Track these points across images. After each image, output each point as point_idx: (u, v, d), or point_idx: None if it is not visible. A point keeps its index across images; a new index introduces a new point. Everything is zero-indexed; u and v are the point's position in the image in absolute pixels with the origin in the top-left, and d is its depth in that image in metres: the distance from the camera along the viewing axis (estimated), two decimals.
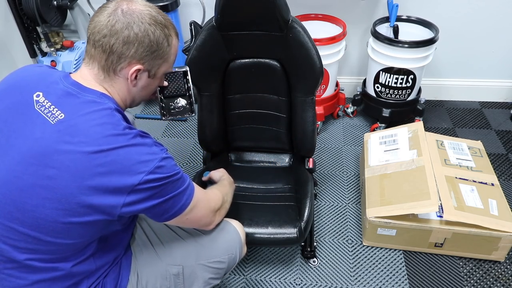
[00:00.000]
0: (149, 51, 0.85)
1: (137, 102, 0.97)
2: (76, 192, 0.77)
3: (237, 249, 1.09)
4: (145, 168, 0.79)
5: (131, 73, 0.86)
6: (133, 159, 0.79)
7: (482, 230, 1.39)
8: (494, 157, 1.95)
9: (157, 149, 0.83)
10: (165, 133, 2.23)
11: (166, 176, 0.82)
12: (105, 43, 0.82)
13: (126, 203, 0.79)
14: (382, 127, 2.05)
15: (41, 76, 0.86)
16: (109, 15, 0.82)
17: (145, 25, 0.83)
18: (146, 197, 0.81)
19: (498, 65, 2.19)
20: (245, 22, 1.27)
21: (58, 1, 2.13)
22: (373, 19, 2.00)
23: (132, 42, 0.82)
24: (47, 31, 2.18)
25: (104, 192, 0.77)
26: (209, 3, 2.18)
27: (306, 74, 1.33)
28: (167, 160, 0.84)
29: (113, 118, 0.81)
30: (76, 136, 0.77)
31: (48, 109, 0.80)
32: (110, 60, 0.83)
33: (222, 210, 1.07)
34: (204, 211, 0.97)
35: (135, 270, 1.01)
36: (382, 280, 1.46)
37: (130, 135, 0.80)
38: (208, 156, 1.60)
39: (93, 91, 0.84)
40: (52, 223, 0.79)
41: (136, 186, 0.78)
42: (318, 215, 1.71)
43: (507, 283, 1.43)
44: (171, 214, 0.88)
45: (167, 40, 0.87)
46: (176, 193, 0.86)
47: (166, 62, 0.91)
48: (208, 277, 1.04)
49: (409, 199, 1.44)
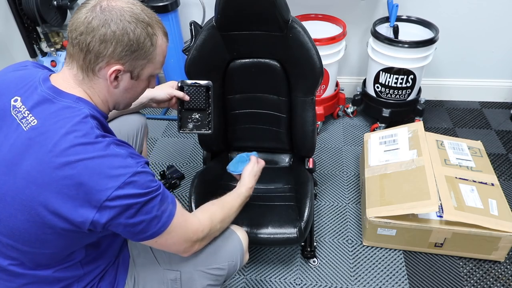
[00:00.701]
0: (128, 50, 0.78)
1: (123, 105, 0.90)
2: (44, 205, 0.73)
3: (238, 256, 1.06)
4: (114, 183, 0.73)
5: (109, 74, 0.80)
6: (102, 172, 0.73)
7: (482, 230, 1.39)
8: (494, 157, 1.95)
9: (131, 161, 0.77)
10: (165, 133, 2.23)
11: (138, 193, 0.76)
12: (82, 41, 0.77)
13: (95, 220, 0.74)
14: (382, 127, 2.05)
15: (21, 79, 0.83)
16: (87, 12, 0.77)
17: (124, 23, 0.77)
18: (116, 214, 0.75)
19: (498, 65, 2.19)
20: (245, 22, 1.27)
21: (58, 1, 2.13)
22: (373, 19, 2.00)
23: (109, 40, 0.76)
24: (47, 31, 2.18)
25: (72, 206, 0.73)
26: (209, 3, 2.18)
27: (306, 74, 1.33)
28: (141, 175, 0.76)
29: (85, 126, 0.76)
30: (45, 145, 0.73)
31: (23, 115, 0.77)
32: (88, 60, 0.78)
33: (207, 238, 0.98)
34: (177, 239, 0.88)
35: (132, 274, 1.00)
36: (382, 280, 1.46)
37: (101, 144, 0.75)
38: (208, 156, 1.60)
39: (69, 96, 0.79)
40: (26, 234, 0.77)
41: (105, 202, 0.73)
42: (318, 215, 1.71)
43: (507, 283, 1.43)
44: (144, 237, 0.82)
45: (150, 40, 0.81)
46: (151, 216, 0.79)
47: (150, 63, 0.84)
48: (206, 283, 1.01)
49: (409, 199, 1.44)
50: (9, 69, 0.89)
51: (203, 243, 0.97)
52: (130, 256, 1.02)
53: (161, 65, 0.88)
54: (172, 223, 0.84)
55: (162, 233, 0.83)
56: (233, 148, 1.63)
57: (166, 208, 0.83)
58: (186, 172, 1.95)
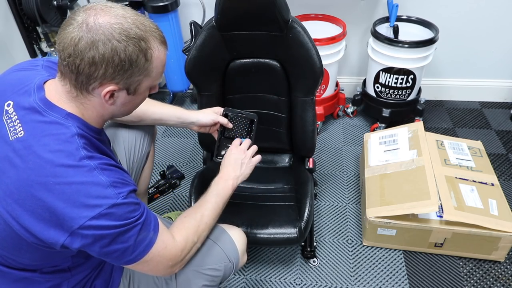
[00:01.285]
0: (121, 70, 0.74)
1: (120, 116, 0.88)
2: (17, 220, 0.73)
3: (235, 258, 1.05)
4: (88, 213, 0.71)
5: (103, 94, 0.76)
6: (77, 200, 0.71)
7: (482, 230, 1.39)
8: (494, 157, 1.95)
9: (112, 191, 0.73)
10: (165, 133, 2.23)
11: (114, 225, 0.73)
12: (71, 63, 0.72)
13: (66, 244, 0.73)
14: (382, 127, 2.05)
15: (19, 81, 0.82)
16: (74, 30, 0.71)
17: (112, 43, 0.71)
18: (88, 242, 0.73)
19: (498, 65, 2.19)
20: (245, 22, 1.27)
21: (58, 1, 2.13)
22: (373, 19, 2.00)
23: (99, 63, 0.71)
24: (47, 31, 2.18)
25: (44, 226, 0.72)
26: (209, 3, 2.18)
27: (306, 74, 1.33)
28: (120, 207, 0.74)
29: (70, 146, 0.73)
30: (26, 161, 0.72)
31: (13, 123, 0.76)
32: (80, 80, 0.74)
33: (188, 256, 0.94)
34: (155, 267, 0.85)
35: (127, 272, 0.99)
36: (382, 280, 1.46)
37: (84, 169, 0.73)
38: (208, 156, 1.60)
39: (59, 110, 0.77)
40: (4, 241, 0.78)
41: (77, 229, 0.71)
42: (318, 215, 1.71)
43: (507, 283, 1.43)
44: (120, 263, 0.81)
45: (144, 55, 0.75)
46: (126, 246, 0.77)
47: (147, 77, 0.79)
48: (202, 284, 1.00)
49: (409, 199, 1.44)
50: (15, 68, 0.89)
51: (184, 262, 0.93)
52: None
53: (160, 75, 0.84)
54: (150, 252, 0.81)
55: (138, 261, 0.81)
56: None
57: (146, 237, 0.80)
58: (186, 172, 1.95)
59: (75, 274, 0.90)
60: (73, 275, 0.89)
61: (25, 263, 0.82)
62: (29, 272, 0.84)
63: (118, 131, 1.24)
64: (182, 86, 2.40)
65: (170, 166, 1.97)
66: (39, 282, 0.86)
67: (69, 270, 0.88)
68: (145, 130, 1.30)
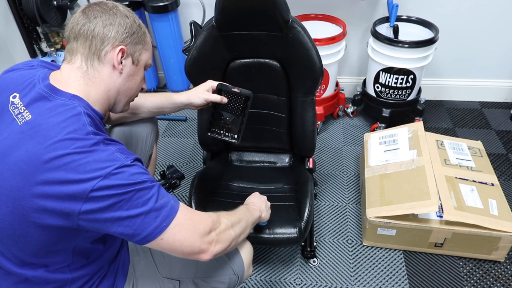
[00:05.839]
0: (129, 32, 0.86)
1: (123, 101, 0.92)
2: (29, 196, 0.73)
3: (240, 271, 1.04)
4: (99, 173, 0.72)
5: (116, 54, 0.84)
6: (88, 165, 0.73)
7: (482, 230, 1.39)
8: (494, 157, 1.95)
9: (120, 156, 0.76)
10: (165, 133, 2.23)
11: (127, 184, 0.74)
12: (86, 30, 0.83)
13: (83, 211, 0.73)
14: (382, 127, 2.05)
15: (22, 77, 0.85)
16: (84, 10, 0.85)
17: (120, 10, 0.87)
18: (104, 206, 0.73)
19: (498, 65, 2.19)
20: (245, 22, 1.27)
21: (58, 1, 2.13)
22: (373, 19, 2.00)
23: (112, 23, 0.84)
24: (47, 31, 2.18)
25: (58, 197, 0.72)
26: (209, 3, 2.18)
27: (306, 74, 1.33)
28: (130, 168, 0.75)
29: (77, 122, 0.77)
30: (35, 137, 0.74)
31: (19, 111, 0.79)
32: (94, 45, 0.83)
33: (224, 238, 0.88)
34: (186, 234, 0.81)
35: (131, 279, 0.99)
36: (382, 280, 1.46)
37: (90, 141, 0.75)
38: (208, 156, 1.60)
39: (64, 94, 0.81)
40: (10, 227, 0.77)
41: (91, 192, 0.71)
42: (318, 215, 1.71)
43: (507, 283, 1.43)
44: (146, 235, 0.77)
45: (140, 27, 0.90)
46: (147, 209, 0.75)
47: (146, 50, 0.92)
48: None
49: (409, 199, 1.44)
50: (12, 68, 0.91)
51: (220, 244, 0.86)
52: (130, 262, 1.01)
53: (151, 55, 0.96)
54: (177, 217, 0.79)
55: (166, 229, 0.77)
56: (233, 148, 1.63)
57: (167, 203, 0.79)
58: (186, 172, 1.96)
59: (76, 279, 0.89)
60: (74, 281, 0.88)
61: (25, 257, 0.82)
62: (29, 270, 0.83)
63: (120, 135, 1.25)
64: (182, 86, 2.40)
65: (170, 166, 1.97)
66: (39, 284, 0.86)
67: (69, 271, 0.88)
68: (147, 132, 1.31)
